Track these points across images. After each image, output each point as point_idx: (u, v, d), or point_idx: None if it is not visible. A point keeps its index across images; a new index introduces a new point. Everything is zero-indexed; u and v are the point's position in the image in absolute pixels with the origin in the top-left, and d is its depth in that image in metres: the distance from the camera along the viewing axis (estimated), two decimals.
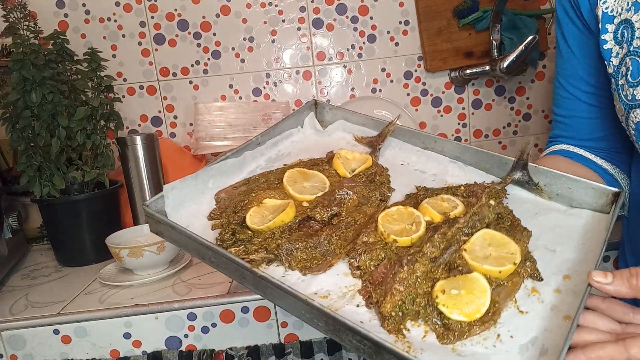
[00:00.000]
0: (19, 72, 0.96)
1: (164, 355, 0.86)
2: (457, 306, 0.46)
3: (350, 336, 0.44)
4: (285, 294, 0.48)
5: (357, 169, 0.66)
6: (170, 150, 1.29)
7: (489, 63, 1.35)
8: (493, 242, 0.53)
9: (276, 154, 0.70)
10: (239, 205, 0.58)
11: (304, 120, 0.76)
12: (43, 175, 1.03)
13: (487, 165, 0.67)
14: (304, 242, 0.53)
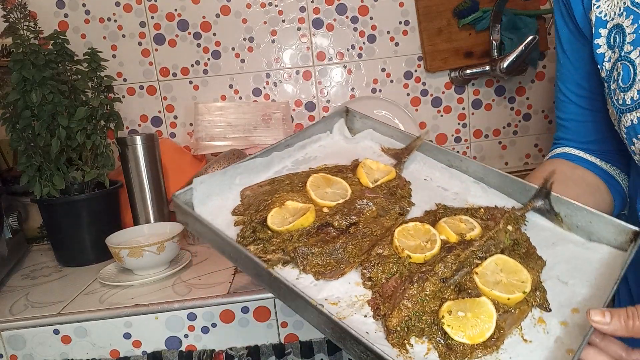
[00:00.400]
0: (19, 72, 0.96)
1: (164, 355, 0.86)
2: (461, 328, 0.47)
3: (355, 346, 0.45)
4: (296, 296, 0.49)
5: (379, 180, 0.66)
6: (170, 150, 1.29)
7: (489, 63, 1.35)
8: (505, 268, 0.53)
9: (303, 157, 0.71)
10: (262, 205, 0.59)
11: (334, 126, 0.77)
12: (43, 175, 1.03)
13: (510, 189, 0.66)
14: (320, 247, 0.54)
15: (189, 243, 1.14)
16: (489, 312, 0.48)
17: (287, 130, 1.39)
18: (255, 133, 1.37)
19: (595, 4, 0.65)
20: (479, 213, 0.61)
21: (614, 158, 0.75)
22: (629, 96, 0.60)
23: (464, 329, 0.47)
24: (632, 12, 0.61)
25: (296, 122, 1.44)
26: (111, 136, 1.12)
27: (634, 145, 0.62)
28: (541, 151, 1.50)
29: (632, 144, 0.62)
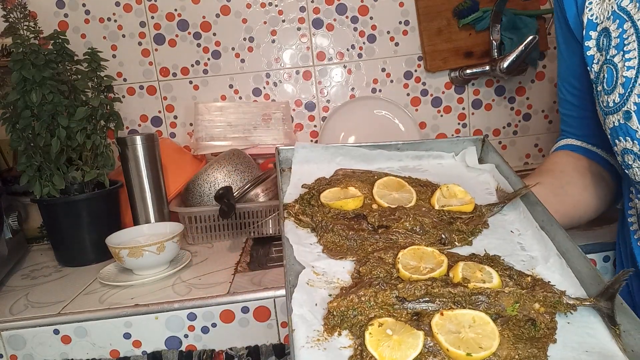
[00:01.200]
0: (19, 72, 0.96)
1: (164, 355, 0.86)
2: (379, 343, 0.44)
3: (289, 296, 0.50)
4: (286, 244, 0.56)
5: (449, 207, 0.62)
6: (170, 150, 1.29)
7: (489, 63, 1.35)
8: (479, 328, 0.46)
9: (414, 166, 0.72)
10: (333, 180, 0.66)
11: (463, 151, 0.75)
12: (43, 175, 1.03)
13: (588, 279, 0.54)
14: (342, 230, 0.58)
15: (189, 243, 1.14)
16: (414, 345, 0.44)
17: (287, 130, 1.39)
18: (255, 133, 1.37)
19: (588, 7, 0.67)
20: (524, 281, 0.52)
21: (610, 151, 0.77)
22: (612, 99, 0.62)
23: (380, 345, 0.44)
24: (617, 17, 0.62)
25: (296, 122, 1.44)
26: (111, 136, 1.12)
27: (617, 147, 0.64)
28: (541, 151, 1.50)
29: (614, 145, 0.64)
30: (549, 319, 0.49)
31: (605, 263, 0.92)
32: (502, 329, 0.47)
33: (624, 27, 0.61)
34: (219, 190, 1.05)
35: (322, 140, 1.38)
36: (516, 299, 0.49)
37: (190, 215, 1.11)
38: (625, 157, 0.63)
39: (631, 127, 0.59)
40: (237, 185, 1.15)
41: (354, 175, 0.67)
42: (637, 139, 0.59)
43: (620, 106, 0.60)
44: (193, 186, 1.16)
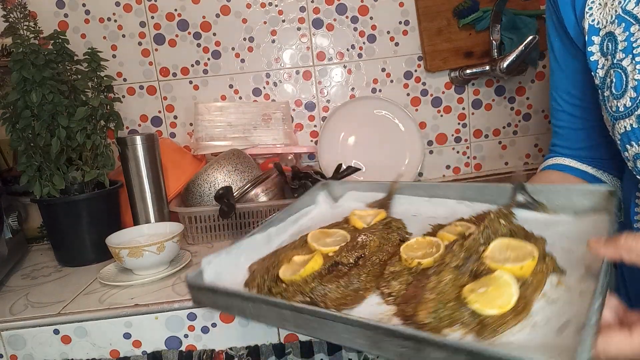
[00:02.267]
0: (19, 72, 0.96)
1: (164, 355, 0.86)
2: (488, 302, 0.47)
3: (394, 342, 0.45)
4: (324, 320, 0.49)
5: (372, 221, 0.69)
6: (170, 150, 1.29)
7: (489, 63, 1.35)
8: (510, 246, 0.56)
9: (298, 229, 0.74)
10: (271, 266, 0.61)
11: (317, 198, 0.80)
12: (43, 175, 1.03)
13: (491, 196, 0.70)
14: (336, 282, 0.56)
15: (189, 243, 1.14)
16: (506, 281, 0.49)
17: (287, 130, 1.39)
18: (255, 133, 1.37)
19: (588, 12, 0.66)
20: (471, 221, 0.64)
21: (607, 164, 0.77)
22: (622, 103, 0.61)
23: (490, 302, 0.47)
24: (623, 20, 0.61)
25: (296, 122, 1.44)
26: (111, 136, 1.12)
27: (628, 152, 0.63)
28: (541, 151, 1.50)
29: (625, 150, 0.63)
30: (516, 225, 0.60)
31: None
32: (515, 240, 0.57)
33: (631, 31, 0.60)
34: (219, 190, 1.05)
35: (322, 140, 1.38)
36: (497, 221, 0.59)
37: (190, 215, 1.11)
38: (637, 162, 0.62)
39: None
40: (237, 185, 1.15)
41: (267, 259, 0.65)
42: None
43: (633, 110, 0.60)
44: (193, 186, 1.16)
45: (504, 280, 0.50)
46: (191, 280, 0.59)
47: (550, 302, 0.50)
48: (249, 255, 0.65)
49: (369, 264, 0.59)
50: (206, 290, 0.58)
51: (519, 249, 0.55)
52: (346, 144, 1.40)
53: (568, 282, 0.52)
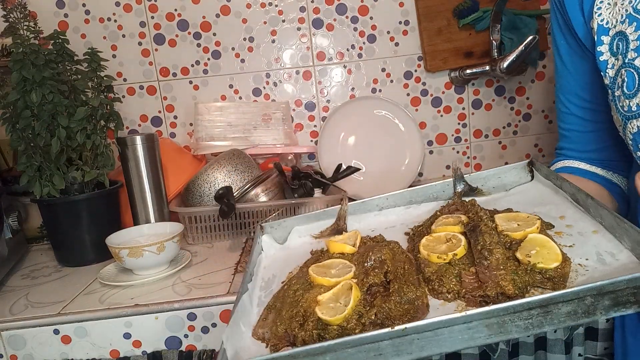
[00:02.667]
0: (19, 72, 0.96)
1: (164, 355, 0.86)
2: (546, 259, 0.53)
3: (521, 317, 0.46)
4: (434, 332, 0.46)
5: (356, 243, 0.67)
6: (170, 150, 1.29)
7: (489, 63, 1.35)
8: (509, 218, 0.62)
9: (264, 282, 0.69)
10: (297, 318, 0.55)
11: (262, 245, 0.76)
12: (43, 175, 1.03)
13: (434, 194, 0.78)
14: (388, 303, 0.53)
15: (189, 243, 1.14)
16: (545, 239, 0.55)
17: (287, 130, 1.39)
18: (255, 133, 1.37)
19: (597, 12, 0.65)
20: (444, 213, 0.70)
21: (616, 166, 0.76)
22: (635, 102, 0.60)
23: (548, 257, 0.53)
24: (634, 19, 0.61)
25: (296, 122, 1.44)
26: (111, 136, 1.12)
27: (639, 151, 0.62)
28: (541, 151, 1.50)
29: (638, 149, 0.62)
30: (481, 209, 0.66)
31: None
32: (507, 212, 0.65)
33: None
34: (219, 190, 1.05)
35: (322, 140, 1.38)
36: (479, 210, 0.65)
37: (190, 215, 1.11)
38: None
39: None
40: (237, 185, 1.15)
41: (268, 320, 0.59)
42: None
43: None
44: (193, 186, 1.16)
45: (542, 239, 0.55)
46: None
47: (569, 248, 0.57)
48: (245, 321, 0.59)
49: (400, 275, 0.58)
50: None
51: (517, 217, 0.62)
52: (346, 144, 1.40)
53: (562, 230, 0.60)
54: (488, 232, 0.58)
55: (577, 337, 0.92)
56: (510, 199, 0.73)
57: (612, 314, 0.46)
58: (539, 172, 0.74)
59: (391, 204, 0.78)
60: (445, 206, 0.73)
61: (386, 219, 0.77)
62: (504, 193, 0.76)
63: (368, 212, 0.78)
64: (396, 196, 0.78)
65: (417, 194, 0.78)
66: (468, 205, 0.68)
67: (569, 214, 0.63)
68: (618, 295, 0.45)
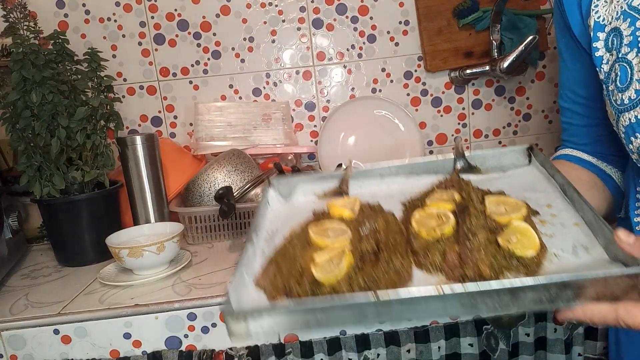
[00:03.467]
0: (19, 72, 0.96)
1: (164, 355, 0.86)
2: (524, 246, 0.57)
3: (492, 299, 0.50)
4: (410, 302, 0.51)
5: (354, 208, 0.71)
6: (170, 150, 1.29)
7: (489, 63, 1.35)
8: (499, 202, 0.66)
9: (267, 233, 0.73)
10: (294, 273, 0.60)
11: (269, 199, 0.80)
12: (43, 175, 1.03)
13: (435, 168, 0.81)
14: (377, 269, 0.59)
15: (189, 243, 1.14)
16: (527, 227, 0.59)
17: (287, 130, 1.39)
18: (255, 133, 1.37)
19: (594, 10, 0.68)
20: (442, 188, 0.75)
21: (611, 160, 0.79)
22: (627, 96, 0.62)
23: (525, 246, 0.56)
24: (629, 16, 0.63)
25: (296, 122, 1.44)
26: (111, 136, 1.12)
27: (632, 144, 0.63)
28: (541, 151, 1.50)
29: (629, 142, 0.64)
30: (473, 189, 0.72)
31: None
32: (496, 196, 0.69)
33: (636, 25, 0.62)
34: (219, 190, 1.05)
35: (322, 140, 1.38)
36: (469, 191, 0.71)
37: (190, 215, 1.11)
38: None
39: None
40: (237, 185, 1.15)
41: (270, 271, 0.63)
42: None
43: (638, 102, 0.61)
44: (193, 186, 1.16)
45: (523, 227, 0.59)
46: (235, 309, 0.53)
47: (549, 237, 0.60)
48: (249, 269, 0.64)
49: (390, 244, 0.63)
50: (257, 314, 0.53)
51: (506, 202, 0.66)
52: (346, 144, 1.40)
53: (545, 219, 0.64)
54: (475, 215, 0.63)
55: (576, 337, 0.92)
56: (505, 180, 0.76)
57: (573, 305, 0.51)
58: (536, 158, 0.77)
59: (392, 173, 0.82)
60: (443, 182, 0.78)
61: (387, 187, 0.81)
62: (500, 174, 0.79)
63: (371, 179, 0.82)
64: (398, 166, 0.82)
65: (419, 166, 0.82)
66: (463, 184, 0.73)
67: (555, 204, 0.67)
68: (580, 289, 0.50)
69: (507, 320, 0.89)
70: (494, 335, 0.89)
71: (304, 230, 0.68)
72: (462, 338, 0.89)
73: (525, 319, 0.90)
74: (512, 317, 0.89)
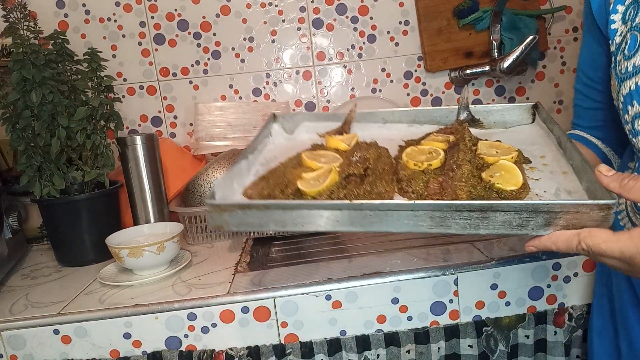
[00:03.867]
0: (19, 72, 0.96)
1: (164, 355, 0.86)
2: (506, 181, 0.60)
3: (461, 216, 0.53)
4: (385, 212, 0.55)
5: (351, 143, 0.75)
6: (170, 150, 1.29)
7: (489, 63, 1.35)
8: (492, 146, 0.70)
9: (265, 159, 0.77)
10: (281, 185, 0.64)
11: (271, 131, 0.84)
12: (43, 175, 1.03)
13: (439, 118, 0.83)
14: (360, 188, 0.63)
15: (189, 243, 1.14)
16: (513, 167, 0.62)
17: None
18: (255, 133, 1.37)
19: None
20: (441, 133, 0.77)
21: (613, 145, 0.82)
22: (632, 63, 0.63)
23: (508, 181, 0.60)
24: None
25: None
26: (111, 136, 1.12)
27: (628, 114, 0.64)
28: None
29: (626, 112, 0.65)
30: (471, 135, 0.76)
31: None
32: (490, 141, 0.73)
33: None
34: None
35: None
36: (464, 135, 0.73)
37: (190, 215, 1.12)
38: (636, 123, 0.63)
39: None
40: None
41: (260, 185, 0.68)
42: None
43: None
44: (193, 186, 1.16)
45: (509, 166, 0.63)
46: (217, 200, 0.60)
47: (535, 180, 0.63)
48: (238, 181, 0.68)
49: (378, 172, 0.66)
50: (237, 208, 0.58)
51: (499, 147, 0.69)
52: None
53: (536, 166, 0.67)
54: (463, 150, 0.67)
55: (575, 339, 0.92)
56: (506, 135, 0.78)
57: (542, 232, 0.53)
58: (540, 115, 0.79)
59: (396, 119, 0.83)
60: (443, 128, 0.80)
61: (388, 132, 0.83)
62: (502, 129, 0.81)
63: (373, 123, 0.84)
64: (402, 113, 0.83)
65: (423, 114, 0.83)
66: (460, 129, 0.75)
67: (549, 155, 0.69)
68: (550, 216, 0.52)
69: (506, 322, 0.89)
70: (494, 337, 0.90)
71: (298, 155, 0.73)
72: (462, 339, 0.89)
73: (525, 321, 0.90)
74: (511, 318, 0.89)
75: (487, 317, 0.89)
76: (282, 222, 0.58)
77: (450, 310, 0.88)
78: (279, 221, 0.58)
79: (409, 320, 0.88)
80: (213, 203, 0.59)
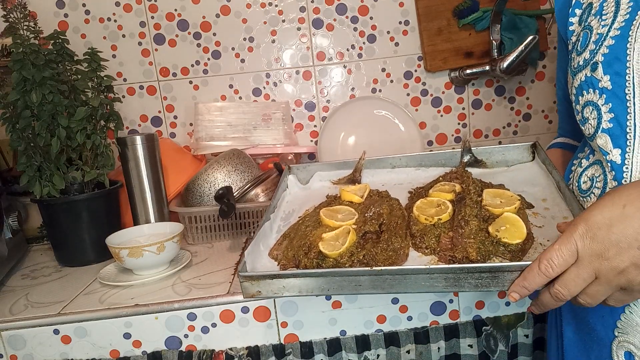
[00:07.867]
0: (19, 72, 0.96)
1: (164, 355, 0.86)
2: (511, 235, 0.62)
3: (474, 276, 0.56)
4: (403, 276, 0.58)
5: (364, 195, 0.79)
6: (170, 150, 1.29)
7: (489, 63, 1.35)
8: (496, 194, 0.72)
9: (284, 213, 0.83)
10: (303, 247, 0.68)
11: (288, 183, 0.90)
12: (43, 175, 1.03)
13: (443, 161, 0.88)
14: (378, 247, 0.66)
15: (189, 243, 1.14)
16: (516, 219, 0.65)
17: (287, 130, 1.39)
18: (255, 133, 1.37)
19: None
20: (447, 179, 0.81)
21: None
22: (582, 57, 0.66)
23: (513, 235, 0.62)
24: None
25: (296, 122, 1.44)
26: (111, 136, 1.12)
27: (579, 104, 0.67)
28: None
29: (578, 102, 0.68)
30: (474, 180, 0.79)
31: None
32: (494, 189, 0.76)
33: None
34: (219, 190, 1.05)
35: (322, 140, 1.38)
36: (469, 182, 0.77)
37: (190, 215, 1.12)
38: (584, 110, 0.66)
39: (595, 77, 0.64)
40: (237, 185, 1.15)
41: (283, 245, 0.72)
42: (599, 88, 0.63)
43: (589, 61, 0.65)
44: (193, 186, 1.16)
45: (513, 218, 0.65)
46: (249, 273, 0.63)
47: (539, 228, 0.66)
48: (265, 243, 0.73)
49: (392, 227, 0.70)
50: (268, 278, 0.62)
51: (502, 195, 0.72)
52: (346, 144, 1.40)
53: (539, 212, 0.69)
54: (470, 205, 0.70)
55: None
56: (508, 174, 0.82)
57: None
58: (539, 155, 0.83)
59: (403, 164, 0.89)
60: (448, 173, 0.84)
61: (397, 177, 0.88)
62: (504, 168, 0.85)
63: (382, 169, 0.90)
64: (408, 158, 0.89)
65: (428, 158, 0.89)
66: (465, 177, 0.79)
67: (550, 198, 0.72)
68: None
69: (505, 321, 0.89)
70: (494, 337, 0.90)
71: (317, 211, 0.77)
72: (462, 339, 0.89)
73: (524, 320, 0.90)
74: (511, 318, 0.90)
75: (487, 317, 0.89)
76: (308, 289, 0.62)
77: (450, 310, 0.88)
78: (305, 288, 0.62)
79: (409, 320, 0.88)
80: (246, 275, 0.63)
